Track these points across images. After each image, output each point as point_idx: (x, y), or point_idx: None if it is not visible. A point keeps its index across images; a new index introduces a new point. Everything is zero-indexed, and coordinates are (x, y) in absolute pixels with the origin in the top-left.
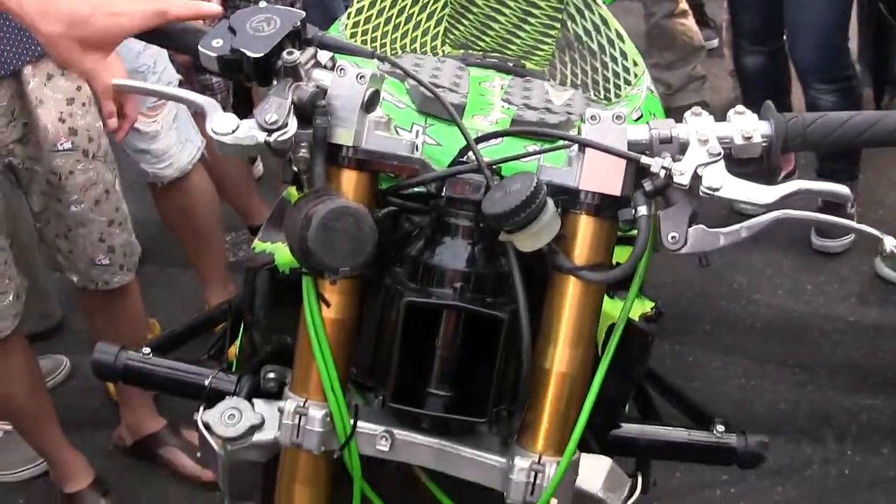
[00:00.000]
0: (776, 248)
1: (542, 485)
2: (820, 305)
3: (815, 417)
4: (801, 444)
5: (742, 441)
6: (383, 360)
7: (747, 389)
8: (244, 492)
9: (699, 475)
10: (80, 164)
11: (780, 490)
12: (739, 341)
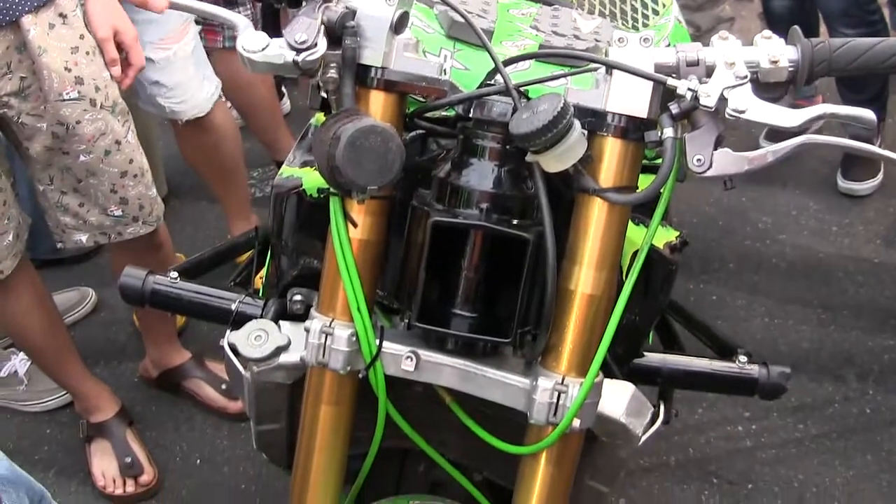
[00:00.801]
0: (802, 190)
1: (565, 405)
2: (845, 247)
3: (837, 357)
4: (823, 383)
5: (764, 372)
6: (409, 281)
7: (770, 328)
8: (270, 414)
9: (721, 411)
10: (87, 114)
11: (802, 427)
12: (763, 280)
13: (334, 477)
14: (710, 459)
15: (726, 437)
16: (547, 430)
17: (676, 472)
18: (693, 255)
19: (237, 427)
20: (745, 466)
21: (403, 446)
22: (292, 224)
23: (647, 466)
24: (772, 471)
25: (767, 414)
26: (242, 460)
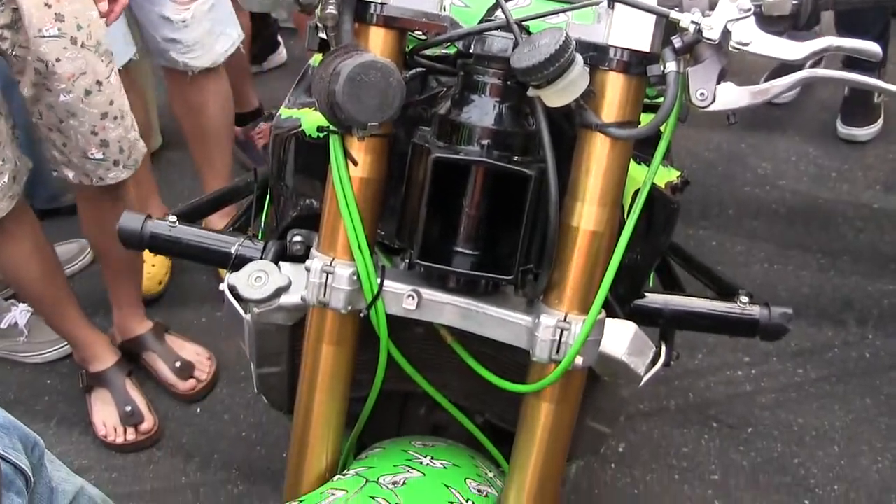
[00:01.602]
0: (801, 136)
1: (567, 342)
2: (844, 192)
3: (836, 302)
4: (822, 328)
5: (766, 313)
6: (411, 219)
7: (770, 273)
8: (270, 357)
9: (721, 356)
10: (67, 52)
11: (801, 372)
12: (763, 226)
13: (336, 418)
14: (709, 404)
15: (726, 381)
16: (549, 368)
17: (676, 416)
18: (692, 200)
19: (236, 375)
20: (745, 411)
21: (405, 389)
22: (292, 165)
23: (646, 411)
24: (771, 415)
25: (767, 359)
26: (242, 408)
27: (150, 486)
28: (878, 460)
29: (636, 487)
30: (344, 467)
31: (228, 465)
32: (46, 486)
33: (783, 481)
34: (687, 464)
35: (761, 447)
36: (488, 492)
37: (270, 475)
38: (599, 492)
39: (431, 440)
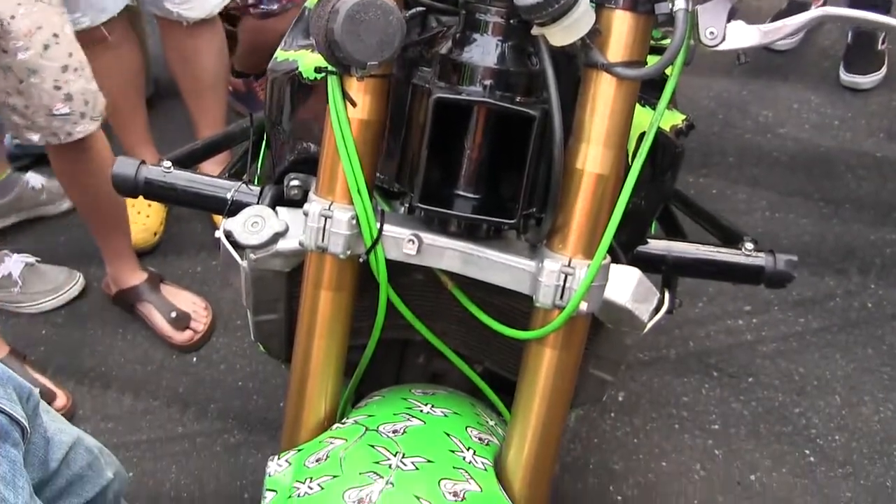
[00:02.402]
0: (803, 84)
1: (571, 288)
2: (847, 141)
3: (839, 250)
4: (824, 277)
5: (771, 260)
6: (411, 162)
7: (772, 222)
8: (268, 304)
9: (722, 305)
10: (21, 8)
11: (803, 321)
12: (765, 174)
13: (334, 365)
14: (710, 353)
15: (727, 330)
16: (553, 314)
17: (677, 365)
18: (693, 149)
19: (233, 324)
20: (746, 360)
21: (403, 337)
22: (289, 109)
23: (646, 360)
24: (772, 364)
25: (768, 308)
26: (239, 358)
27: (147, 436)
28: (879, 410)
29: (636, 436)
30: (342, 416)
31: (225, 415)
32: (42, 437)
33: (784, 431)
34: (687, 413)
35: (762, 397)
36: (489, 440)
37: (267, 424)
38: (599, 440)
39: (432, 388)
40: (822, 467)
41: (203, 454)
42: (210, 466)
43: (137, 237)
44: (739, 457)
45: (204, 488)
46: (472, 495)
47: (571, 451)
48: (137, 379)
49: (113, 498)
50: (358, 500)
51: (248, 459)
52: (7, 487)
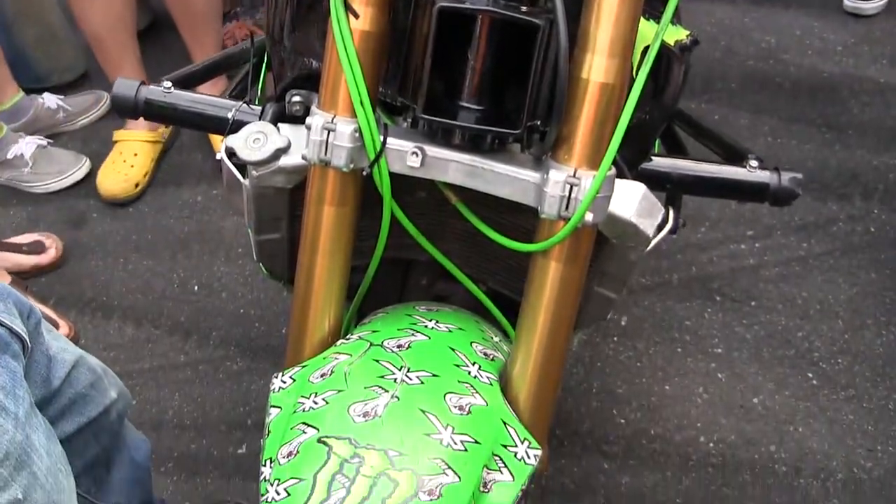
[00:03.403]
0: (806, 10)
1: (577, 198)
2: (850, 66)
3: (842, 176)
4: (827, 202)
5: (775, 177)
6: (415, 74)
7: (774, 147)
8: (270, 223)
9: (724, 230)
10: None
11: (806, 246)
12: (767, 100)
13: (338, 281)
14: (712, 277)
15: (729, 255)
16: (558, 225)
17: (679, 290)
18: (695, 74)
19: (234, 253)
20: (749, 284)
21: (407, 257)
22: (290, 23)
23: (649, 285)
24: (775, 288)
25: (771, 233)
26: (240, 286)
27: (149, 365)
28: (882, 334)
29: (639, 360)
30: (346, 334)
31: (227, 343)
32: (44, 355)
33: (787, 354)
34: (690, 337)
35: (765, 321)
36: (494, 355)
37: (270, 351)
38: (602, 364)
39: (436, 305)
40: (824, 390)
41: (205, 381)
42: (212, 394)
43: (117, 186)
44: (742, 380)
45: (207, 415)
46: (478, 409)
47: (574, 375)
48: (139, 308)
49: (117, 418)
50: (363, 413)
51: (250, 386)
52: (7, 397)
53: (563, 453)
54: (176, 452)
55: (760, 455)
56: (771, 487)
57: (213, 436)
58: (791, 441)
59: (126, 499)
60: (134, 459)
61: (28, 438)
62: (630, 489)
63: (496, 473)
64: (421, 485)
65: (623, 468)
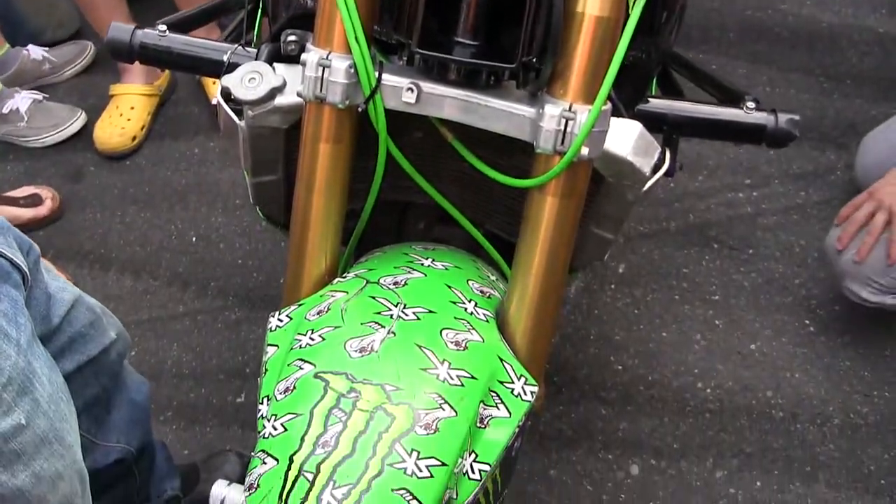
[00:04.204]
0: None
1: (573, 132)
2: (849, 16)
3: (840, 125)
4: (825, 151)
5: (772, 118)
6: (409, 9)
7: (773, 96)
8: (266, 164)
9: (721, 178)
10: None
11: (804, 194)
12: (765, 50)
13: (334, 220)
14: (710, 225)
15: (727, 203)
16: (554, 160)
17: (676, 237)
18: (692, 25)
19: (231, 204)
20: (747, 232)
21: (403, 199)
22: None
23: (646, 232)
24: (773, 236)
25: (768, 181)
26: (238, 236)
27: (148, 315)
28: None
29: (636, 307)
30: (343, 273)
31: (225, 293)
32: (43, 293)
33: (784, 301)
34: (687, 284)
35: (762, 268)
36: (491, 293)
37: (268, 301)
38: (600, 312)
39: (433, 245)
40: (821, 337)
41: (204, 331)
42: (211, 343)
43: (114, 140)
44: (740, 327)
45: (205, 364)
46: (474, 345)
47: (572, 322)
48: (137, 260)
49: (116, 358)
50: (360, 349)
51: (249, 335)
52: (9, 324)
53: (561, 400)
54: (175, 401)
55: (758, 401)
56: (768, 432)
57: (211, 385)
58: (788, 387)
59: (126, 439)
60: (133, 400)
61: (30, 365)
62: (628, 435)
63: (493, 409)
64: (417, 419)
65: (621, 414)
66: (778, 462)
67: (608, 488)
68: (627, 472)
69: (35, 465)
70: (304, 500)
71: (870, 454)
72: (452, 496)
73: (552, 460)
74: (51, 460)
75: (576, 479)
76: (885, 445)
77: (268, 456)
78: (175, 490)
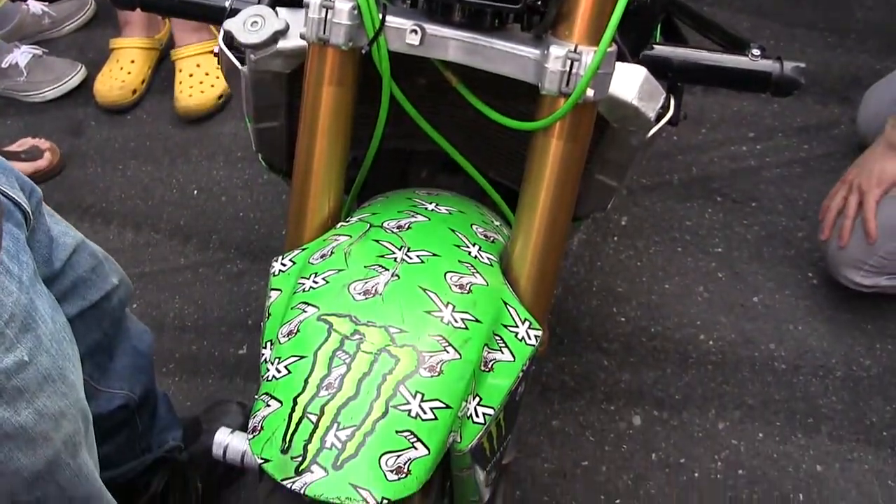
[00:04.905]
0: None
1: (577, 74)
2: None
3: (844, 79)
4: (828, 105)
5: (778, 66)
6: None
7: (777, 51)
8: (268, 110)
9: (725, 132)
10: None
11: (807, 148)
12: (768, 3)
13: (338, 163)
14: (713, 178)
15: (730, 156)
16: (559, 102)
17: (679, 190)
18: None
19: (233, 157)
20: (750, 185)
21: (406, 147)
22: None
23: (649, 185)
24: (776, 189)
25: (772, 135)
26: (239, 189)
27: (149, 269)
28: None
29: (639, 259)
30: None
31: (227, 245)
32: (46, 235)
33: (787, 254)
34: (690, 237)
35: (765, 221)
36: (495, 238)
37: (270, 253)
38: (602, 264)
39: (436, 190)
40: (824, 289)
41: (206, 284)
42: (213, 295)
43: (113, 93)
44: (742, 279)
45: (207, 316)
46: (479, 288)
47: (575, 274)
48: (138, 213)
49: (118, 304)
50: (364, 291)
51: (251, 287)
52: (11, 260)
53: (563, 351)
54: (177, 354)
55: (760, 353)
56: (770, 384)
57: (213, 337)
58: (790, 339)
59: (128, 386)
60: (136, 348)
61: (32, 303)
62: (630, 386)
63: (497, 353)
64: (422, 361)
65: (623, 365)
66: (780, 414)
67: (610, 439)
68: (629, 423)
69: (38, 403)
70: (308, 442)
71: (872, 406)
72: (456, 439)
73: (554, 411)
74: (54, 398)
75: (578, 430)
76: (887, 397)
77: (271, 398)
78: (177, 441)
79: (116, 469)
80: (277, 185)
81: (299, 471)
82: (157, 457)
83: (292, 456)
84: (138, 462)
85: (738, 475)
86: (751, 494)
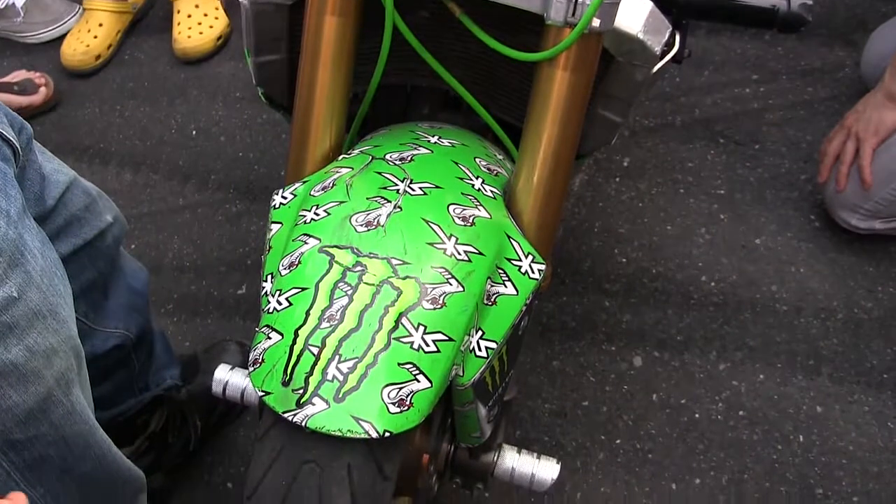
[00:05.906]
0: None
1: (584, 4)
2: None
3: (850, 22)
4: (833, 48)
5: (785, 2)
6: None
7: None
8: (269, 43)
9: (728, 74)
10: None
11: (811, 90)
12: None
13: (340, 95)
14: (716, 120)
15: (733, 98)
16: (564, 32)
17: (682, 132)
18: None
19: (232, 97)
20: (753, 127)
21: (408, 82)
22: None
23: (651, 127)
24: (779, 131)
25: (776, 77)
26: (238, 129)
27: (148, 209)
28: None
29: (641, 200)
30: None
31: (226, 186)
32: (37, 173)
33: (790, 196)
34: (692, 178)
35: (768, 163)
36: (498, 171)
37: (269, 193)
38: (604, 205)
39: (439, 124)
40: (826, 232)
41: (204, 224)
42: (212, 235)
43: (75, 58)
44: (744, 221)
45: (206, 256)
46: (482, 221)
47: (576, 215)
48: (137, 154)
49: (112, 242)
50: (366, 223)
51: (250, 227)
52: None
53: (565, 291)
54: (176, 294)
55: (762, 294)
56: (771, 326)
57: (212, 277)
58: (792, 281)
59: (124, 325)
60: (131, 286)
61: (21, 237)
62: (631, 327)
63: (500, 286)
64: (424, 293)
65: (624, 306)
66: (781, 355)
67: (611, 380)
68: (630, 364)
69: (28, 339)
70: (310, 375)
71: (873, 349)
72: (459, 373)
73: (555, 352)
74: (45, 334)
75: (578, 371)
76: (888, 340)
77: (272, 331)
78: (175, 379)
79: (115, 408)
80: (276, 125)
81: (300, 403)
82: (155, 395)
83: (293, 388)
84: (136, 401)
85: (738, 416)
86: (751, 435)
